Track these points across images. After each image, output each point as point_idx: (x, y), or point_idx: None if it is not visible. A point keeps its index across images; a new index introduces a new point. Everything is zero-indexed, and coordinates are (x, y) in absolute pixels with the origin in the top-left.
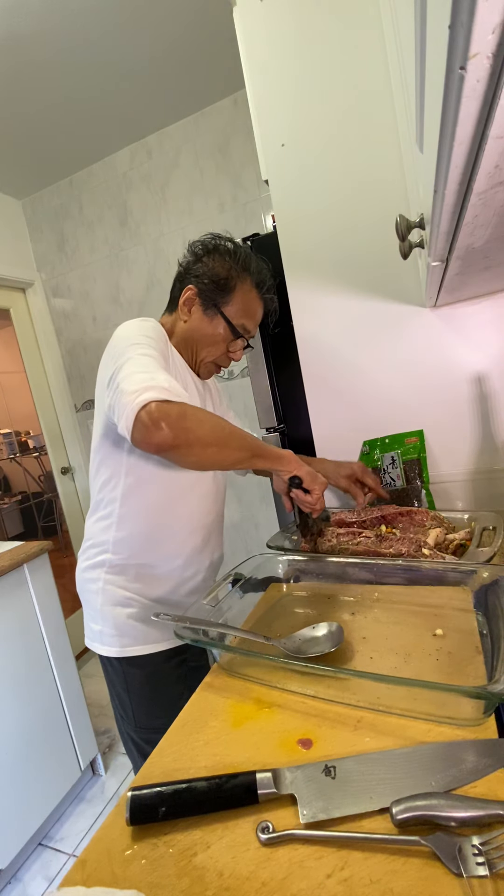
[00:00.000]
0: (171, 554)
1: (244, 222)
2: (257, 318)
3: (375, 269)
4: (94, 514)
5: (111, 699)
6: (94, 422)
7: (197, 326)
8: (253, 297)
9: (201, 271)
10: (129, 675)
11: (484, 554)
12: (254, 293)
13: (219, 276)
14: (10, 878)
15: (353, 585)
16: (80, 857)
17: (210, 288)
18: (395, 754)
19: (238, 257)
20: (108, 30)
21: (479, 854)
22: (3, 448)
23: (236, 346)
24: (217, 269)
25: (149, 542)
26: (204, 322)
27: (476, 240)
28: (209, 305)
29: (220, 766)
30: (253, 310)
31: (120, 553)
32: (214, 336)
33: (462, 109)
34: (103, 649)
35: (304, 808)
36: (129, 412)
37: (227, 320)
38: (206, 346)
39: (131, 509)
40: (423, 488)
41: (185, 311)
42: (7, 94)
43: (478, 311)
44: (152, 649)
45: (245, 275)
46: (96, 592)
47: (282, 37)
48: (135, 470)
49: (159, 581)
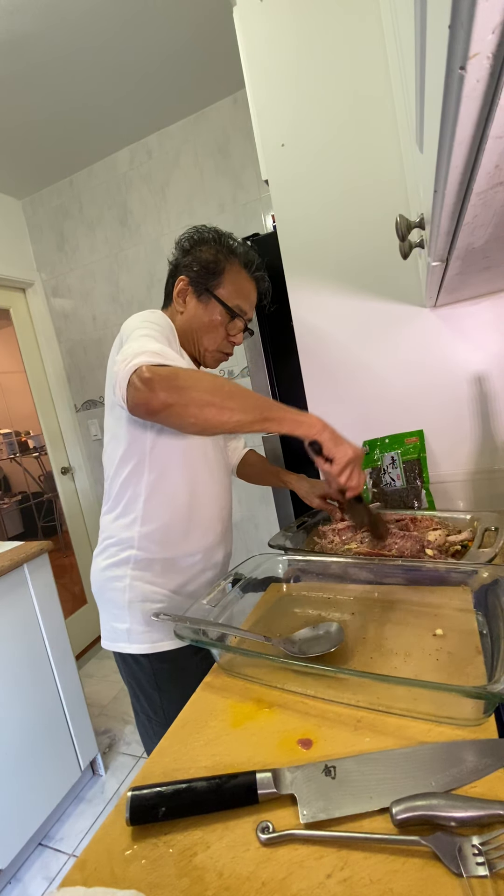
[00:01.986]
0: (195, 546)
1: (244, 222)
2: (251, 299)
3: (375, 269)
4: (112, 512)
5: (134, 701)
6: (105, 420)
7: (193, 315)
8: (243, 278)
9: (189, 261)
10: (158, 671)
11: (485, 554)
12: (244, 273)
13: (207, 262)
14: (10, 878)
15: (353, 585)
16: (80, 857)
17: (200, 274)
18: (395, 754)
19: (223, 242)
20: (108, 30)
21: (479, 854)
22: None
23: (235, 328)
24: (204, 255)
25: (174, 535)
26: (199, 309)
27: (476, 240)
28: (202, 292)
29: (220, 766)
30: (245, 290)
31: (146, 549)
32: (212, 321)
33: (462, 109)
34: (132, 647)
35: (304, 808)
36: (121, 379)
37: (222, 302)
38: (205, 334)
39: (156, 504)
40: (423, 488)
41: (180, 302)
42: (7, 95)
43: (478, 311)
44: (179, 644)
45: (232, 257)
46: (122, 590)
47: (282, 37)
48: (157, 465)
49: (182, 573)
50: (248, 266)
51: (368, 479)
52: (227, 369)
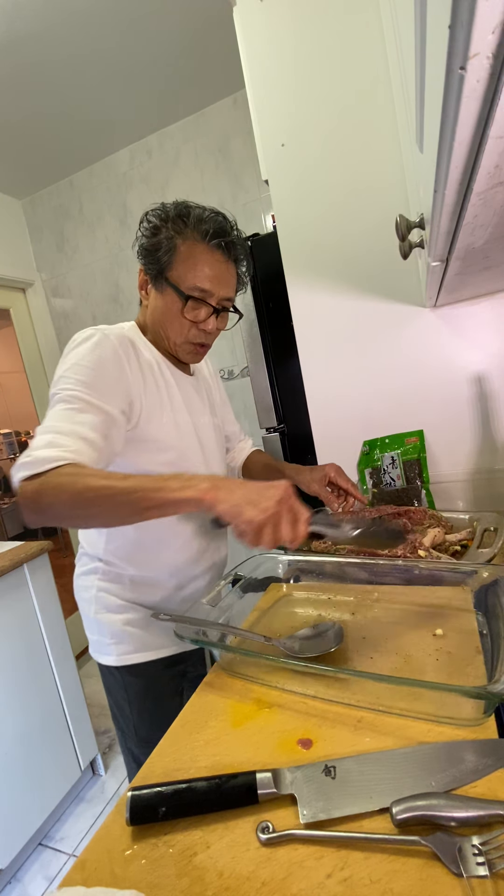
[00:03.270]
0: (167, 563)
1: (244, 222)
2: (216, 273)
3: (375, 269)
4: None
5: (111, 711)
6: None
7: (154, 307)
8: (200, 252)
9: (141, 247)
10: (129, 684)
11: (484, 555)
12: (200, 246)
13: (156, 244)
14: (10, 878)
15: (353, 585)
16: (80, 857)
17: (151, 259)
18: (395, 754)
19: (168, 216)
20: (108, 30)
21: (479, 854)
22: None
23: (197, 313)
24: (153, 237)
25: (141, 552)
26: (158, 299)
27: (476, 240)
28: (157, 278)
29: (220, 766)
30: (202, 264)
31: (112, 563)
32: (171, 310)
33: (462, 109)
34: (102, 658)
35: (304, 808)
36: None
37: (173, 285)
38: (168, 326)
39: None
40: (423, 488)
41: (144, 296)
42: (8, 94)
43: (478, 311)
44: (152, 656)
45: (182, 230)
46: (89, 601)
47: (282, 37)
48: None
49: (157, 588)
50: (208, 236)
51: (369, 480)
52: (227, 369)
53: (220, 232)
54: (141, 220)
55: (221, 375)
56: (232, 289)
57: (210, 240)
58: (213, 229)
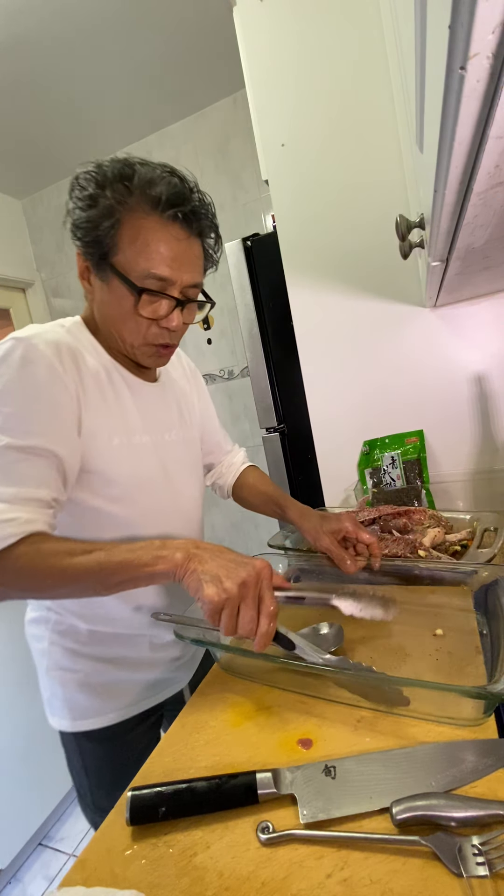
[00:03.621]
0: (125, 614)
1: (244, 222)
2: (176, 254)
3: (375, 269)
4: None
5: (69, 772)
6: None
7: (101, 302)
8: (152, 226)
9: (74, 223)
10: (84, 751)
11: (484, 555)
12: (152, 219)
13: (90, 218)
14: (10, 878)
15: (353, 585)
16: (80, 857)
17: (89, 240)
18: (395, 754)
19: (107, 178)
20: (108, 30)
21: (479, 854)
22: None
23: (156, 308)
24: (84, 208)
25: (93, 603)
26: (104, 292)
27: (476, 240)
28: (100, 265)
29: (220, 766)
30: (157, 244)
31: (62, 614)
32: (121, 306)
33: (462, 109)
34: (54, 720)
35: (304, 808)
36: None
37: (120, 274)
38: (119, 325)
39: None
40: (423, 488)
41: (86, 286)
42: (7, 94)
43: (478, 311)
44: (115, 719)
45: (126, 198)
46: (42, 653)
47: (282, 37)
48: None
49: (120, 643)
50: (160, 204)
51: (369, 480)
52: (227, 369)
53: (178, 198)
54: (71, 186)
55: (221, 375)
56: (198, 272)
57: (164, 209)
58: (168, 195)
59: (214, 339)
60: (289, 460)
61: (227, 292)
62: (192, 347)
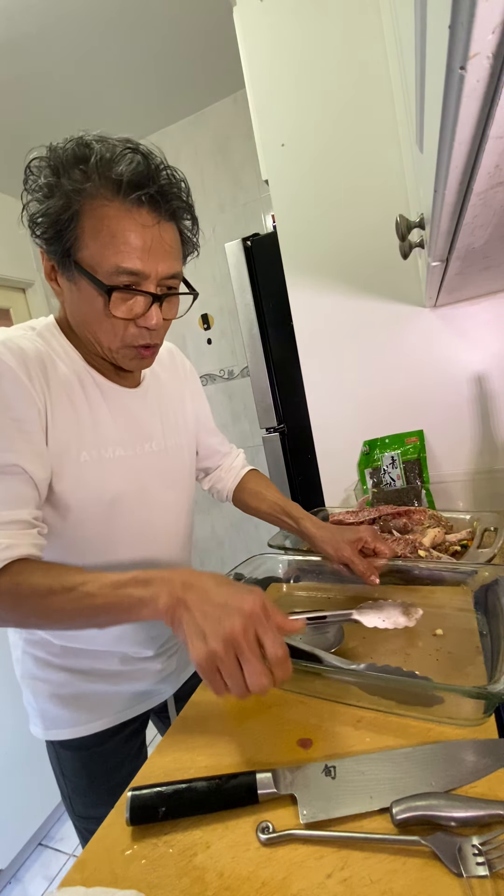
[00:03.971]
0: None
1: (244, 222)
2: (146, 243)
3: (375, 268)
4: None
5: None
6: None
7: (70, 303)
8: (115, 213)
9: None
10: (61, 757)
11: (484, 555)
12: (115, 205)
13: (44, 210)
14: (10, 878)
15: (353, 585)
16: (80, 857)
17: (48, 237)
18: (395, 754)
19: (61, 162)
20: (108, 30)
21: (479, 854)
22: None
23: (131, 307)
24: (39, 199)
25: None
26: (73, 293)
27: (476, 240)
28: (64, 263)
29: (220, 766)
30: (123, 233)
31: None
32: (93, 307)
33: (462, 109)
34: (32, 727)
35: (304, 808)
36: None
37: (87, 273)
38: (94, 328)
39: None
40: (423, 488)
41: (55, 288)
42: (8, 95)
43: (478, 311)
44: (84, 731)
45: (83, 183)
46: (16, 660)
47: (282, 36)
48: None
49: (90, 655)
50: (122, 187)
51: (369, 480)
52: (227, 369)
53: (141, 178)
54: (25, 174)
55: (221, 375)
56: (175, 260)
57: (127, 193)
58: (129, 176)
59: (214, 339)
60: (289, 460)
61: (227, 292)
62: (191, 347)
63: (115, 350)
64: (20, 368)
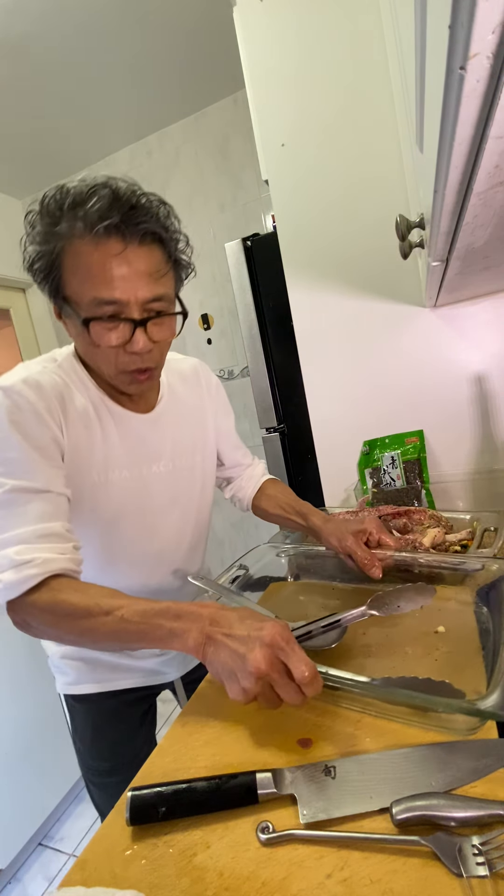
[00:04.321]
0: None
1: (244, 222)
2: (120, 272)
3: (375, 268)
4: None
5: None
6: None
7: (73, 336)
8: (86, 248)
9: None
10: (73, 710)
11: (484, 555)
12: (86, 240)
13: (33, 254)
14: (10, 878)
15: (354, 585)
16: (80, 857)
17: (40, 279)
18: (394, 754)
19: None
20: (108, 30)
21: (479, 854)
22: None
23: (112, 336)
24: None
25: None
26: (71, 327)
27: (476, 240)
28: (56, 301)
29: (220, 766)
30: (94, 266)
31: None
32: (85, 339)
33: (462, 109)
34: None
35: (304, 808)
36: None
37: (72, 307)
38: (93, 357)
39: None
40: (423, 488)
41: (64, 325)
42: (7, 95)
43: (478, 311)
44: (95, 689)
45: (60, 228)
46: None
47: (282, 36)
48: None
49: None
50: (90, 224)
51: (369, 480)
52: (227, 369)
53: (104, 210)
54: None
55: (221, 375)
56: (155, 283)
57: (94, 226)
58: (95, 210)
59: (214, 339)
60: (289, 460)
61: (227, 292)
62: (191, 347)
63: (113, 377)
64: (39, 402)
